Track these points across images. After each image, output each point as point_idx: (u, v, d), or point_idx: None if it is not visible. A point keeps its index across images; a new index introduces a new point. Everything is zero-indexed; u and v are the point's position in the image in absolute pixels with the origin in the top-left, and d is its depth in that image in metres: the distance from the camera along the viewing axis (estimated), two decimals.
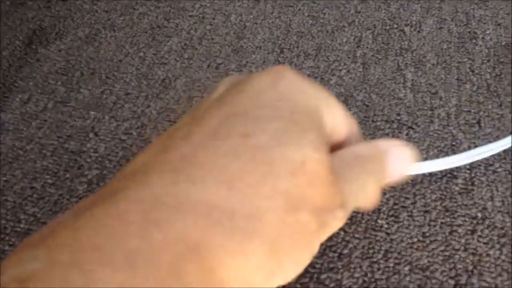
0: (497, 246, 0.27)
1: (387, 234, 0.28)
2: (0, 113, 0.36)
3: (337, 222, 0.17)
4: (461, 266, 0.26)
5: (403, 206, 0.29)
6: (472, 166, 0.31)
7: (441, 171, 0.30)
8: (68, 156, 0.33)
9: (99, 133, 0.34)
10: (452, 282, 0.26)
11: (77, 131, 0.34)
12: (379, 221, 0.29)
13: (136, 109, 0.36)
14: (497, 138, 0.32)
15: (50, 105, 0.36)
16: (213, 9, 0.43)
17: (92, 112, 0.35)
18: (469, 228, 0.28)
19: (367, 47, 0.39)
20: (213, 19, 0.42)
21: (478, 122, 0.33)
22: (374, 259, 0.27)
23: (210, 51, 0.40)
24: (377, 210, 0.29)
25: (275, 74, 0.17)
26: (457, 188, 0.30)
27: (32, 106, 0.36)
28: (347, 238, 0.28)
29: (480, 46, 0.38)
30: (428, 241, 0.27)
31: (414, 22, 0.40)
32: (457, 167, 0.31)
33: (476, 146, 0.32)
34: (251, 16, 0.42)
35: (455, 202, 0.29)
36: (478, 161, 0.31)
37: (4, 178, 0.32)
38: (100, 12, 0.43)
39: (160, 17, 0.43)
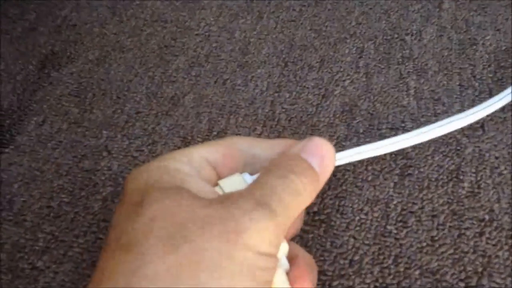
0: (506, 247, 0.27)
1: (396, 239, 0.28)
2: (17, 136, 0.37)
3: None
4: (470, 268, 0.27)
5: (411, 212, 0.30)
6: (477, 170, 0.31)
7: (447, 176, 0.31)
8: (83, 174, 0.34)
9: (112, 151, 0.35)
10: (462, 284, 0.26)
11: (91, 150, 0.35)
12: (388, 227, 0.29)
13: (147, 127, 0.37)
14: (501, 141, 0.32)
15: (65, 126, 0.37)
16: (218, 27, 0.44)
17: (104, 131, 0.37)
18: (477, 230, 0.28)
19: (369, 57, 0.40)
20: (218, 36, 0.44)
21: (482, 126, 0.33)
22: (385, 265, 0.27)
23: (217, 67, 0.41)
24: (386, 216, 0.30)
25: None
26: (463, 192, 0.30)
27: (47, 128, 0.37)
28: (357, 245, 0.28)
29: (481, 51, 0.39)
30: (437, 245, 0.28)
31: (414, 31, 0.41)
32: (463, 171, 0.31)
33: (480, 150, 0.32)
34: (255, 32, 0.43)
35: (462, 205, 0.30)
36: (483, 164, 0.31)
37: (22, 199, 0.33)
38: (109, 35, 0.45)
39: (167, 37, 0.44)
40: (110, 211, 0.31)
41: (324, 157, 0.21)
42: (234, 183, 0.20)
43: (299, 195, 0.19)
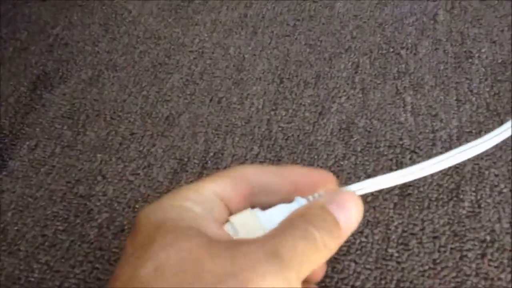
0: (508, 269, 0.27)
1: (398, 263, 0.28)
2: (9, 161, 0.36)
3: None
4: None
5: (412, 233, 0.29)
6: (477, 188, 0.31)
7: (447, 195, 0.31)
8: (77, 200, 0.33)
9: (107, 175, 0.35)
10: None
11: (85, 174, 0.35)
12: (389, 250, 0.29)
13: (142, 149, 0.36)
14: (500, 158, 0.32)
15: (58, 150, 0.37)
16: (212, 43, 0.44)
17: (99, 155, 0.36)
18: (479, 252, 0.28)
19: (365, 72, 0.39)
20: (213, 53, 0.43)
21: None
22: None
23: (212, 85, 0.40)
24: (387, 239, 0.29)
25: None
26: (464, 212, 0.30)
27: (40, 152, 0.37)
28: (358, 270, 0.28)
29: (477, 65, 0.38)
30: (439, 268, 0.28)
31: (409, 45, 0.41)
32: (463, 190, 0.31)
33: (480, 168, 0.32)
34: (250, 48, 0.43)
35: (463, 226, 0.29)
36: (482, 182, 0.31)
37: (15, 227, 0.32)
38: (101, 53, 0.44)
39: (161, 54, 0.44)
40: (106, 238, 0.31)
41: (351, 213, 0.19)
42: (246, 220, 0.19)
43: (317, 250, 0.18)
